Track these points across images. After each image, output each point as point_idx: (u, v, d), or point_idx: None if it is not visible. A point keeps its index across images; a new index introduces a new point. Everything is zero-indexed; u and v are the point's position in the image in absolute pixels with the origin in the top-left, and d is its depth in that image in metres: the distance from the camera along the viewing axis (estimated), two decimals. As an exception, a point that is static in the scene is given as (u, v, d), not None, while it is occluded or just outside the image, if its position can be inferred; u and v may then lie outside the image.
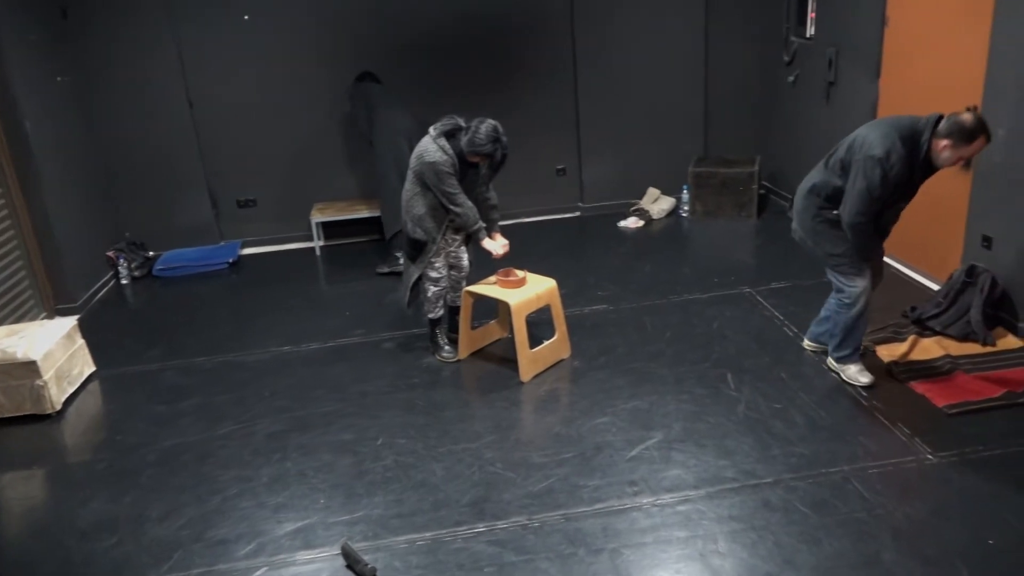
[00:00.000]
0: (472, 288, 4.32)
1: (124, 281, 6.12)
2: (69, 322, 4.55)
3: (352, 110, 6.00)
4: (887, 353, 4.12)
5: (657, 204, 6.76)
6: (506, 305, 4.20)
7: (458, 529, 3.12)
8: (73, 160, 5.77)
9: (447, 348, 4.51)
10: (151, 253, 6.46)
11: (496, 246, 4.29)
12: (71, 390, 4.38)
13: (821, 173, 3.75)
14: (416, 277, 4.35)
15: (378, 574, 2.91)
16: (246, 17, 6.10)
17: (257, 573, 2.98)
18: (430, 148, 4.05)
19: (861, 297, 3.73)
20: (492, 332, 4.67)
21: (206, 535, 3.19)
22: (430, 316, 4.47)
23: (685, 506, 3.15)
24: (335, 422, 3.94)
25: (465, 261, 4.49)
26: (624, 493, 3.25)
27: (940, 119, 3.39)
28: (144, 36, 6.00)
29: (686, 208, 6.70)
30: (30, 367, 4.08)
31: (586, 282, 5.42)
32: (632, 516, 3.12)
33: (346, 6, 6.17)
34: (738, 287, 5.15)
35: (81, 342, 4.57)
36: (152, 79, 6.10)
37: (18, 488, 3.66)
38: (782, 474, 3.29)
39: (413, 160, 4.16)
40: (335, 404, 4.11)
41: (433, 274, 4.33)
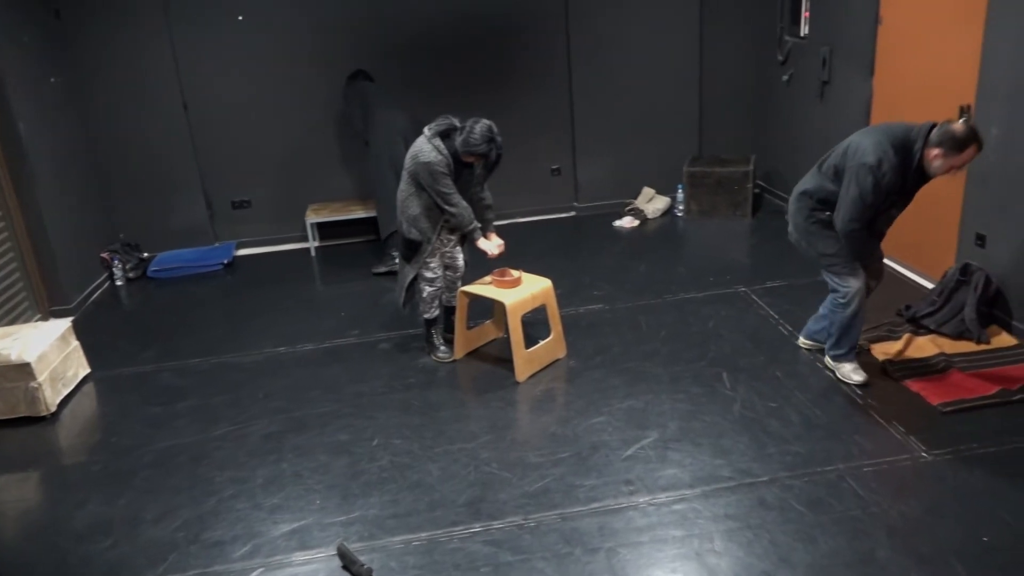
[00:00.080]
0: (467, 288, 4.32)
1: (119, 282, 6.11)
2: (63, 324, 4.54)
3: (346, 109, 5.99)
4: (882, 351, 4.13)
5: (652, 204, 6.77)
6: (501, 305, 4.20)
7: (454, 529, 3.12)
8: (67, 161, 5.76)
9: (443, 348, 4.51)
10: (146, 254, 6.44)
11: (491, 246, 4.30)
12: (66, 392, 4.37)
13: (815, 177, 3.78)
14: (411, 277, 4.35)
15: (374, 574, 2.91)
16: (240, 18, 6.09)
17: (253, 574, 2.97)
18: (425, 148, 4.05)
19: (856, 297, 3.74)
20: (488, 332, 4.67)
21: (202, 536, 3.19)
22: (426, 316, 4.47)
23: (681, 505, 3.15)
24: (331, 423, 3.94)
25: (460, 261, 4.49)
26: (620, 492, 3.25)
27: (933, 128, 3.41)
28: (138, 37, 5.99)
29: (681, 207, 6.71)
30: (24, 369, 4.07)
31: (581, 282, 5.43)
32: (628, 515, 3.12)
33: (341, 7, 6.16)
34: (733, 286, 5.16)
35: (76, 344, 4.56)
36: (146, 80, 6.09)
37: (13, 491, 3.65)
38: (778, 473, 3.30)
39: (408, 160, 4.15)
40: (331, 405, 4.11)
41: (428, 274, 4.33)
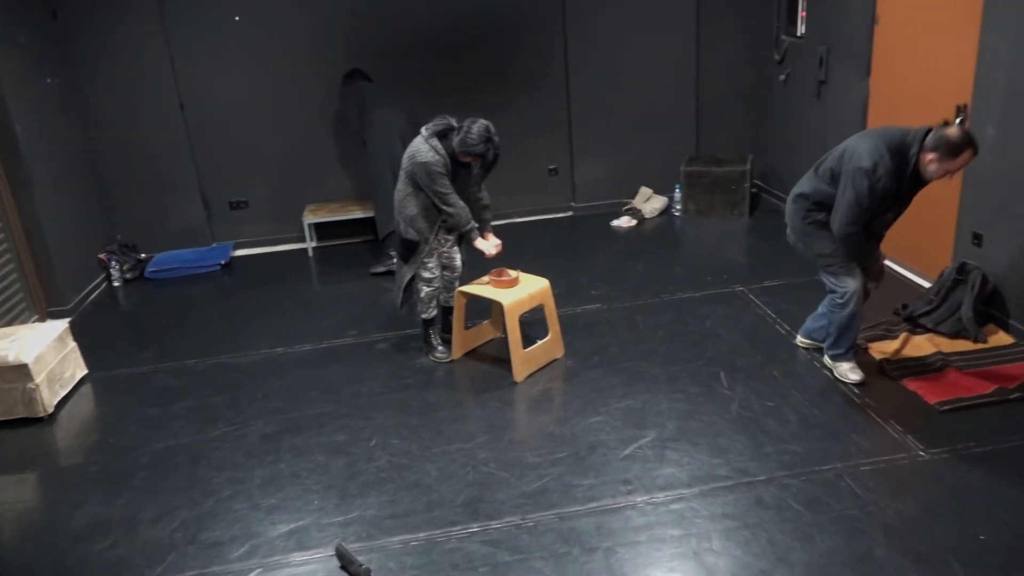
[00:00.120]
0: (465, 288, 4.32)
1: (116, 283, 6.10)
2: (61, 325, 4.53)
3: (342, 108, 5.99)
4: (879, 350, 4.14)
5: (649, 203, 6.77)
6: (499, 305, 4.20)
7: (452, 529, 3.12)
8: (64, 162, 5.75)
9: (440, 348, 4.51)
10: (143, 255, 6.43)
11: (489, 246, 4.30)
12: (63, 393, 4.37)
13: (811, 180, 3.80)
14: (409, 278, 4.35)
15: (372, 575, 2.91)
16: (237, 18, 6.08)
17: (251, 575, 2.97)
18: (422, 148, 4.05)
19: (853, 297, 3.75)
20: (485, 332, 4.67)
21: (199, 537, 3.19)
22: (423, 316, 4.47)
23: (679, 504, 3.15)
24: (328, 423, 3.94)
25: (458, 261, 4.49)
26: (618, 492, 3.25)
27: (929, 132, 3.42)
28: (135, 37, 5.98)
29: (678, 207, 6.72)
30: (22, 370, 4.06)
31: (579, 281, 5.43)
32: (626, 515, 3.12)
33: (337, 7, 6.16)
34: (730, 285, 5.16)
35: (73, 345, 4.56)
36: (143, 80, 6.08)
37: (11, 492, 3.65)
38: (775, 472, 3.30)
39: (405, 160, 4.15)
40: (328, 405, 4.11)
41: (426, 274, 4.33)
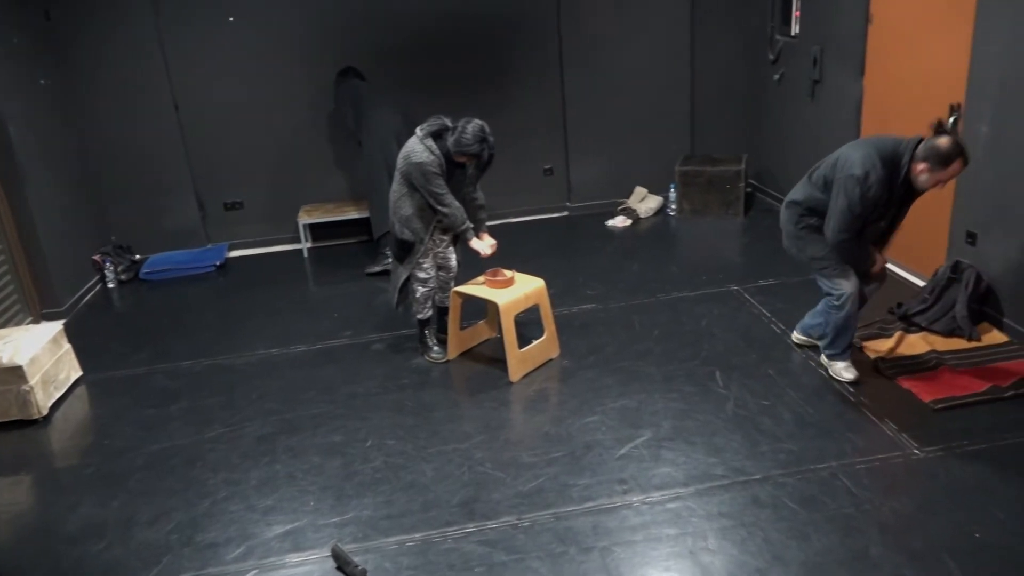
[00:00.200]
0: (460, 288, 4.32)
1: (110, 285, 6.08)
2: (55, 326, 4.52)
3: (337, 107, 5.98)
4: (874, 349, 4.15)
5: (644, 203, 6.78)
6: (495, 305, 4.21)
7: (448, 529, 3.12)
8: (58, 163, 5.74)
9: (436, 349, 4.51)
10: (137, 256, 6.42)
11: (484, 246, 4.30)
12: (58, 395, 4.36)
13: (804, 187, 3.84)
14: (404, 278, 4.34)
15: (368, 575, 2.91)
16: (231, 19, 6.08)
17: (247, 576, 2.98)
18: (417, 149, 4.05)
19: (849, 299, 3.76)
20: (481, 332, 4.67)
21: (195, 539, 3.18)
22: (419, 317, 4.47)
23: (675, 503, 3.16)
24: (324, 424, 3.94)
25: (453, 261, 4.49)
26: (614, 491, 3.26)
27: (920, 142, 3.43)
28: (129, 38, 5.97)
29: (673, 207, 6.72)
30: (16, 372, 4.05)
31: (574, 281, 5.43)
32: (622, 514, 3.13)
33: (332, 7, 6.15)
34: (725, 285, 5.17)
35: (67, 346, 4.54)
36: (137, 81, 6.06)
37: (5, 494, 3.64)
38: (771, 471, 3.31)
39: (400, 161, 4.15)
40: (324, 406, 4.10)
41: (421, 275, 4.33)
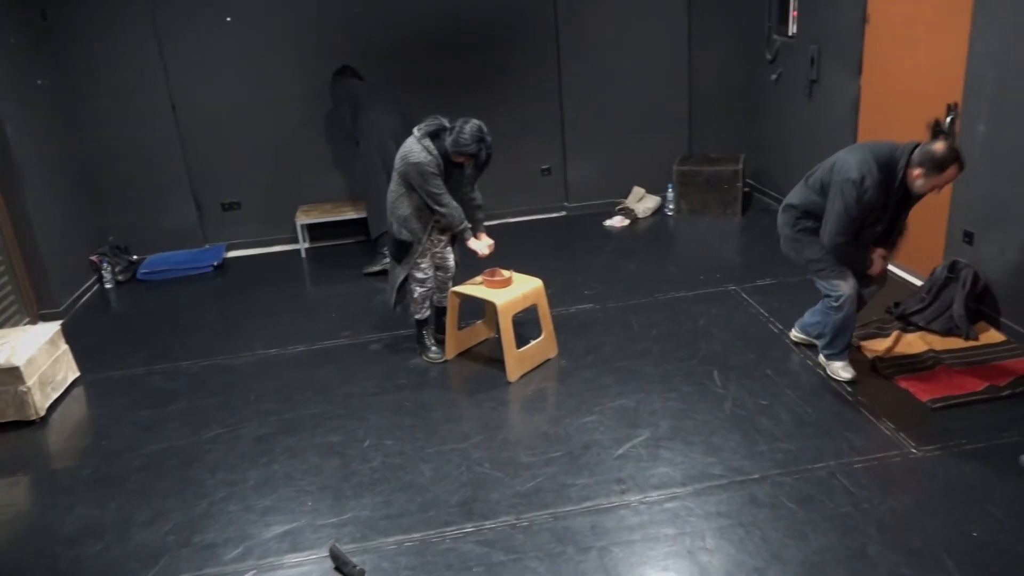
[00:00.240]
0: (458, 288, 4.32)
1: (108, 285, 6.08)
2: (52, 327, 4.51)
3: (335, 107, 5.98)
4: (871, 349, 4.16)
5: (642, 203, 6.78)
6: (492, 305, 4.21)
7: (446, 529, 3.12)
8: (55, 163, 5.73)
9: (434, 349, 4.50)
10: (135, 257, 6.41)
11: (482, 246, 4.30)
12: (55, 396, 4.35)
13: (801, 191, 3.85)
14: (402, 278, 4.34)
15: (366, 575, 2.91)
16: (228, 19, 6.07)
17: (245, 577, 2.98)
18: (414, 149, 4.05)
19: (847, 300, 3.76)
20: (479, 332, 4.67)
21: (193, 539, 3.18)
22: (417, 317, 4.47)
23: (673, 503, 3.16)
24: (322, 424, 3.93)
25: (451, 262, 4.49)
26: (612, 491, 3.26)
27: (916, 147, 3.44)
28: (126, 38, 5.96)
29: (671, 207, 6.73)
30: (13, 373, 4.04)
31: (572, 281, 5.43)
32: (620, 514, 3.13)
33: (329, 7, 6.15)
34: (723, 285, 5.17)
35: (65, 347, 4.54)
36: (134, 81, 6.06)
37: (3, 495, 3.63)
38: (769, 470, 3.31)
39: (398, 161, 4.15)
40: (322, 406, 4.10)
41: (419, 275, 4.33)
